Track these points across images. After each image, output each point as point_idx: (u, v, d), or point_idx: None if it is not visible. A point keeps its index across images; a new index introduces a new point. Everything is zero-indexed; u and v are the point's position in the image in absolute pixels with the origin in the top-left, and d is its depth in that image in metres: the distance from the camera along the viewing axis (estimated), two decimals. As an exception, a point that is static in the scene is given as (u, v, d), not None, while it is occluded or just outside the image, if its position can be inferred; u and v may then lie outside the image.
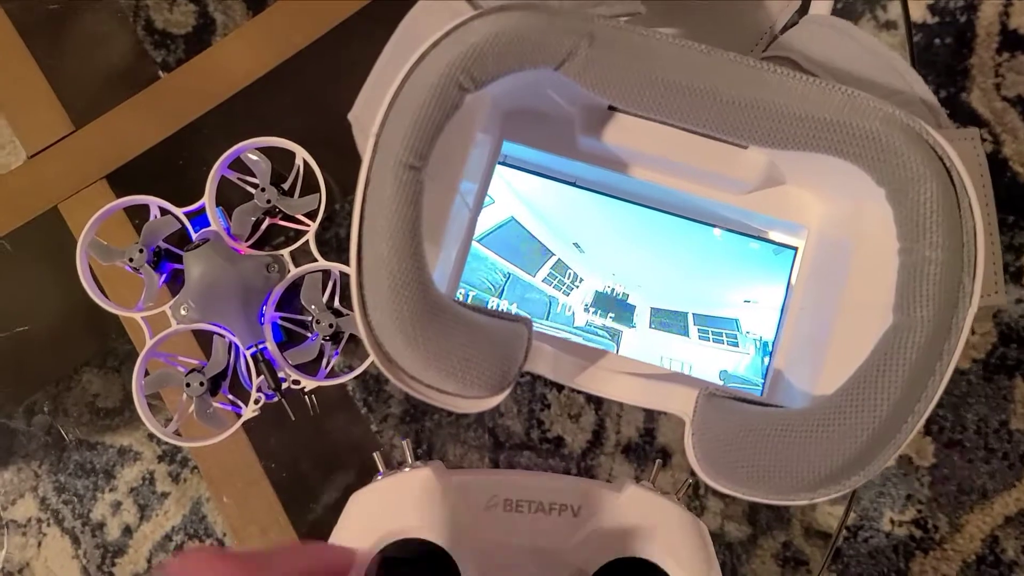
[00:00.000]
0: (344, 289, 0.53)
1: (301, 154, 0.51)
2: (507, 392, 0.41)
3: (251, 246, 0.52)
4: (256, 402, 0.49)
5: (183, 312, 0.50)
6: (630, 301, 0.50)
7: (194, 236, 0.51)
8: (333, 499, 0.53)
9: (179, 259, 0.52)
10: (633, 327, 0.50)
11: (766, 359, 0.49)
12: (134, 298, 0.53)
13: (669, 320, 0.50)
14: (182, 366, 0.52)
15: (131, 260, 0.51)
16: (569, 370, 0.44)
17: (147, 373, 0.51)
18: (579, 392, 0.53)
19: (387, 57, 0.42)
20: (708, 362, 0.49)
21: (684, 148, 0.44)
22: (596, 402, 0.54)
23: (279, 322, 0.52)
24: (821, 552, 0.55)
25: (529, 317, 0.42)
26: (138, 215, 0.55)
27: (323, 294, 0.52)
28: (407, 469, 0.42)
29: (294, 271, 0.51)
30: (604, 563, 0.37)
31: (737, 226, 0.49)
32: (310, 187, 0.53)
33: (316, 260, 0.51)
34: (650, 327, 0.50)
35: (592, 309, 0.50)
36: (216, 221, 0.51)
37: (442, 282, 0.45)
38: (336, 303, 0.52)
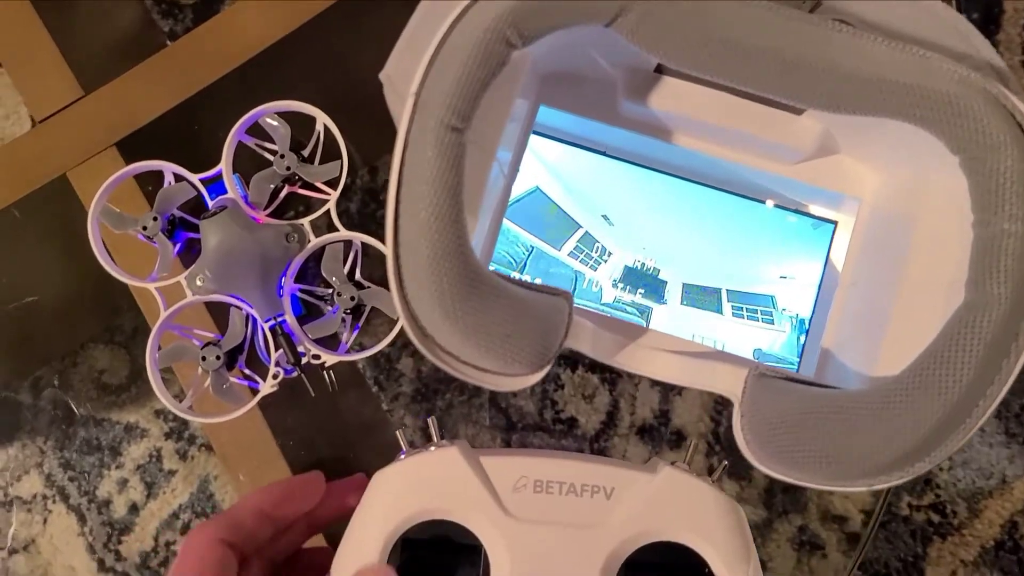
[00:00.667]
0: (367, 260, 0.51)
1: (322, 119, 0.49)
2: (547, 370, 0.39)
3: (270, 215, 0.50)
4: (275, 377, 0.48)
5: (199, 283, 0.48)
6: (661, 276, 0.49)
7: (210, 204, 0.49)
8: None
9: (194, 228, 0.50)
10: (664, 303, 0.48)
11: (802, 337, 0.47)
12: (146, 269, 0.51)
13: (702, 296, 0.48)
14: (197, 339, 0.50)
15: (144, 228, 0.49)
16: (609, 347, 0.42)
17: (159, 348, 0.49)
18: (611, 371, 0.51)
19: (423, 13, 0.40)
20: (742, 340, 0.47)
21: (734, 113, 0.41)
22: (610, 383, 0.53)
23: (298, 294, 0.50)
24: (837, 536, 0.55)
25: (569, 292, 0.40)
26: (151, 183, 0.53)
27: (344, 265, 0.50)
28: (432, 448, 0.41)
29: (314, 241, 0.49)
30: (638, 547, 0.36)
31: (781, 199, 0.47)
32: (330, 155, 0.51)
33: (337, 230, 0.48)
34: (682, 303, 0.48)
35: (621, 285, 0.49)
36: (233, 188, 0.49)
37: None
38: (358, 275, 0.50)
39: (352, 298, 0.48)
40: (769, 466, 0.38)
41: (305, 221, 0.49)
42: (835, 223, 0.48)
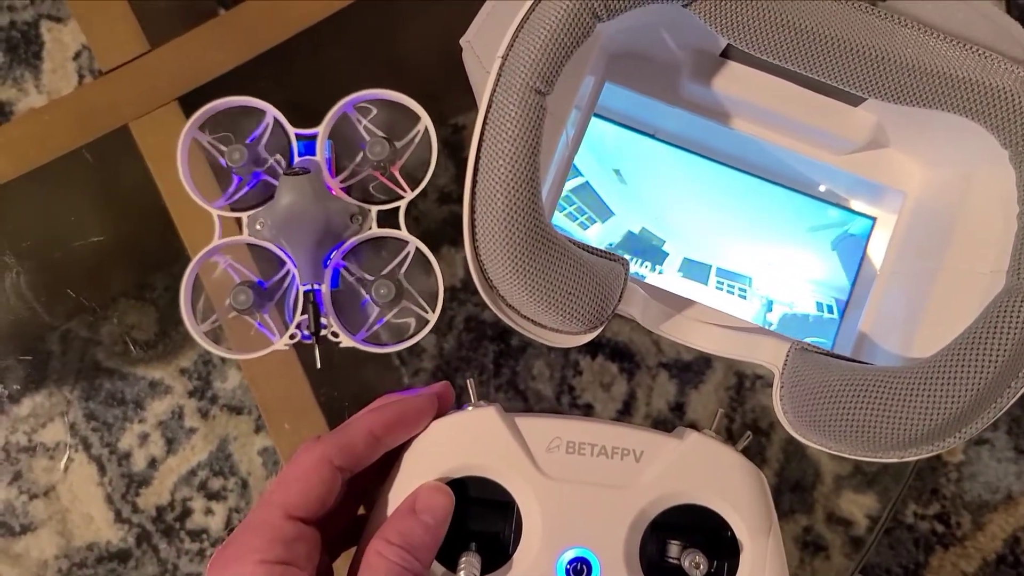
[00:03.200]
0: (414, 263, 0.51)
1: (425, 121, 0.49)
2: (599, 330, 0.41)
3: (344, 189, 0.51)
4: (292, 338, 0.48)
5: (258, 227, 0.49)
6: (665, 248, 0.50)
7: (296, 161, 0.50)
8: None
9: (273, 172, 0.51)
10: (660, 273, 0.50)
11: (768, 315, 0.49)
12: (206, 214, 0.51)
13: (696, 269, 0.50)
14: (237, 274, 0.51)
15: (229, 158, 0.49)
16: (656, 316, 0.44)
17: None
18: (630, 360, 0.53)
19: (508, -18, 0.42)
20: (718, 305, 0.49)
21: (792, 100, 0.43)
22: (628, 373, 0.54)
23: (341, 271, 0.51)
24: (841, 538, 0.56)
25: (626, 258, 0.42)
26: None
27: (394, 263, 0.51)
28: (469, 408, 0.42)
29: (375, 230, 0.49)
30: (665, 508, 0.38)
31: (827, 188, 0.49)
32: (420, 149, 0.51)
33: (400, 227, 0.49)
34: (678, 272, 0.50)
35: (617, 250, 0.49)
36: (323, 154, 0.50)
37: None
38: (401, 274, 0.50)
39: (387, 292, 0.48)
40: (805, 435, 0.40)
41: (374, 209, 0.49)
42: (874, 219, 0.49)
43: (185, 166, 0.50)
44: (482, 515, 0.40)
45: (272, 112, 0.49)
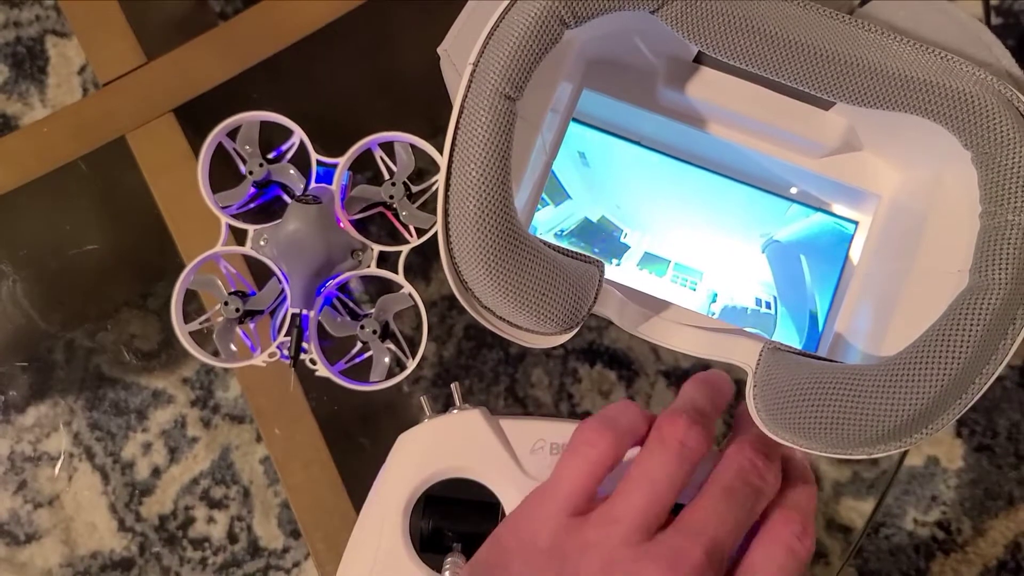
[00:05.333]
0: (403, 313, 0.51)
1: (441, 180, 0.50)
2: (575, 331, 0.42)
3: (352, 222, 0.51)
4: (271, 355, 0.49)
5: (261, 243, 0.50)
6: (624, 240, 0.50)
7: (311, 187, 0.51)
8: (371, 442, 0.54)
9: (287, 189, 0.52)
10: (617, 265, 0.50)
11: (712, 305, 0.50)
12: (202, 225, 0.52)
13: (655, 264, 0.51)
14: (233, 282, 0.52)
15: (251, 172, 0.50)
16: (634, 318, 0.45)
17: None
18: (628, 368, 0.54)
19: (483, -7, 0.43)
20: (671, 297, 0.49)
21: (765, 106, 0.44)
22: (627, 380, 0.54)
23: (332, 300, 0.51)
24: (841, 545, 0.57)
25: (602, 261, 0.42)
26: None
27: (385, 303, 0.51)
28: (455, 411, 0.43)
29: (373, 269, 0.50)
30: None
31: (802, 192, 0.50)
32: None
33: (398, 271, 0.50)
34: (637, 266, 0.50)
35: (568, 237, 0.50)
36: (338, 184, 0.50)
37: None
38: (389, 316, 0.51)
39: (374, 332, 0.49)
40: (777, 433, 0.40)
41: (376, 248, 0.50)
42: (856, 223, 0.50)
43: (205, 169, 0.50)
44: (468, 516, 0.41)
45: (299, 134, 0.50)
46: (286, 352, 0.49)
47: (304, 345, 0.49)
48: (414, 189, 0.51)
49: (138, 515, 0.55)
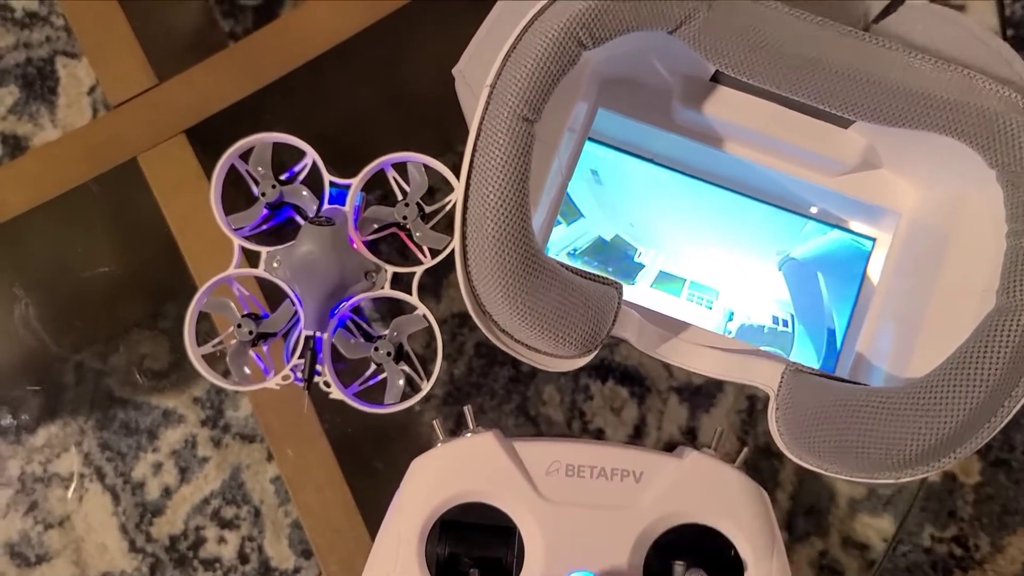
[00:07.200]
0: (416, 334, 0.51)
1: (457, 194, 0.50)
2: (593, 354, 0.41)
3: (366, 243, 0.51)
4: (284, 378, 0.48)
5: (275, 264, 0.50)
6: (638, 260, 0.50)
7: (324, 208, 0.50)
8: (384, 465, 0.53)
9: (300, 211, 0.52)
10: (632, 284, 0.50)
11: (729, 324, 0.50)
12: (214, 247, 0.52)
13: (669, 282, 0.50)
14: (246, 304, 0.51)
15: (263, 194, 0.50)
16: (652, 339, 0.44)
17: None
18: (640, 385, 0.53)
19: (499, 12, 0.43)
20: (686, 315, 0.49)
21: (783, 124, 0.44)
22: (639, 397, 0.54)
23: (346, 322, 0.51)
24: (858, 562, 0.55)
25: (620, 283, 0.42)
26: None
27: (400, 325, 0.50)
28: (468, 435, 0.43)
29: (387, 291, 0.49)
30: (667, 528, 0.38)
31: (821, 210, 0.49)
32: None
33: (412, 292, 0.49)
34: (651, 286, 0.50)
35: (582, 256, 0.50)
36: (351, 205, 0.49)
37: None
38: (404, 339, 0.50)
39: (389, 353, 0.48)
40: (801, 456, 0.40)
41: (390, 270, 0.50)
42: (874, 240, 0.50)
43: (218, 191, 0.50)
44: (484, 541, 0.41)
45: (312, 155, 0.50)
46: (300, 375, 0.49)
47: (318, 367, 0.49)
48: (427, 210, 0.50)
49: (148, 536, 0.54)
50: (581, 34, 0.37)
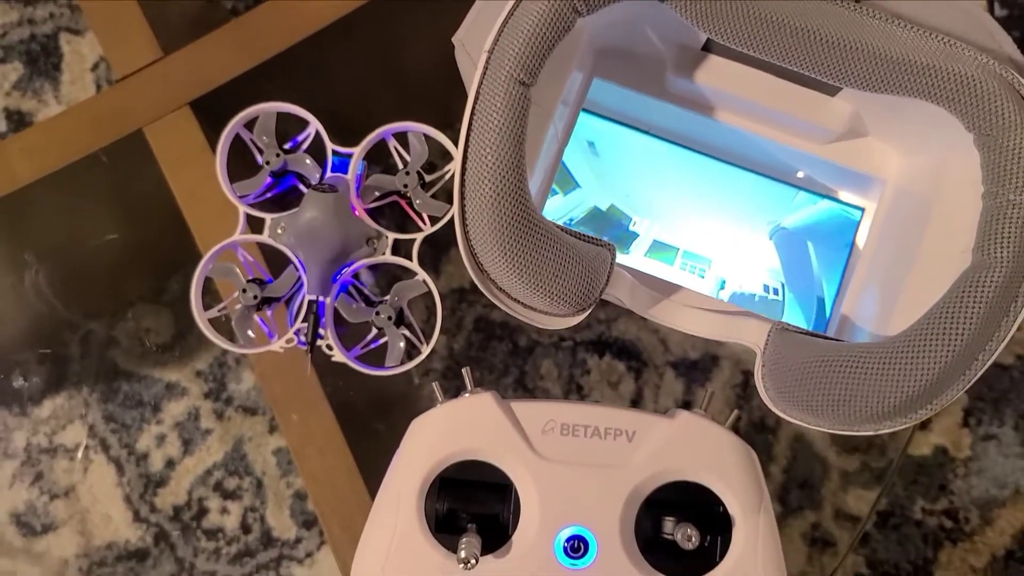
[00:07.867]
0: (416, 301, 0.52)
1: (457, 164, 0.51)
2: (587, 313, 0.43)
3: (367, 210, 0.52)
4: (288, 342, 0.50)
5: (279, 231, 0.51)
6: (632, 228, 0.51)
7: (327, 176, 0.51)
8: (385, 427, 0.54)
9: (303, 178, 0.53)
10: (627, 253, 0.51)
11: (721, 292, 0.51)
12: (219, 216, 0.53)
13: (663, 252, 0.52)
14: (251, 270, 0.52)
15: (267, 162, 0.51)
16: (645, 300, 0.46)
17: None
18: (637, 359, 0.54)
19: (497, -18, 0.44)
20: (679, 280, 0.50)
21: (772, 92, 0.45)
22: (636, 371, 0.55)
23: (348, 287, 0.52)
24: (849, 535, 0.56)
25: (613, 244, 0.43)
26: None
27: (400, 289, 0.52)
28: (466, 395, 0.44)
29: (388, 257, 0.51)
30: (658, 486, 0.39)
31: (809, 178, 0.51)
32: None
33: (412, 258, 0.51)
34: (644, 255, 0.51)
35: (578, 225, 0.51)
36: (354, 173, 0.51)
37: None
38: (404, 303, 0.51)
39: (389, 318, 0.50)
40: (786, 411, 0.41)
41: (391, 236, 0.51)
42: (863, 209, 0.51)
43: (224, 158, 0.51)
44: (481, 497, 0.41)
45: (315, 124, 0.51)
46: (303, 338, 0.50)
47: (320, 331, 0.50)
48: (427, 178, 0.52)
49: (152, 506, 0.55)
50: (576, 1, 0.38)
